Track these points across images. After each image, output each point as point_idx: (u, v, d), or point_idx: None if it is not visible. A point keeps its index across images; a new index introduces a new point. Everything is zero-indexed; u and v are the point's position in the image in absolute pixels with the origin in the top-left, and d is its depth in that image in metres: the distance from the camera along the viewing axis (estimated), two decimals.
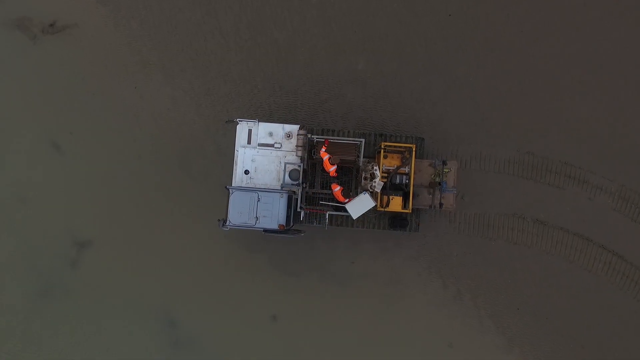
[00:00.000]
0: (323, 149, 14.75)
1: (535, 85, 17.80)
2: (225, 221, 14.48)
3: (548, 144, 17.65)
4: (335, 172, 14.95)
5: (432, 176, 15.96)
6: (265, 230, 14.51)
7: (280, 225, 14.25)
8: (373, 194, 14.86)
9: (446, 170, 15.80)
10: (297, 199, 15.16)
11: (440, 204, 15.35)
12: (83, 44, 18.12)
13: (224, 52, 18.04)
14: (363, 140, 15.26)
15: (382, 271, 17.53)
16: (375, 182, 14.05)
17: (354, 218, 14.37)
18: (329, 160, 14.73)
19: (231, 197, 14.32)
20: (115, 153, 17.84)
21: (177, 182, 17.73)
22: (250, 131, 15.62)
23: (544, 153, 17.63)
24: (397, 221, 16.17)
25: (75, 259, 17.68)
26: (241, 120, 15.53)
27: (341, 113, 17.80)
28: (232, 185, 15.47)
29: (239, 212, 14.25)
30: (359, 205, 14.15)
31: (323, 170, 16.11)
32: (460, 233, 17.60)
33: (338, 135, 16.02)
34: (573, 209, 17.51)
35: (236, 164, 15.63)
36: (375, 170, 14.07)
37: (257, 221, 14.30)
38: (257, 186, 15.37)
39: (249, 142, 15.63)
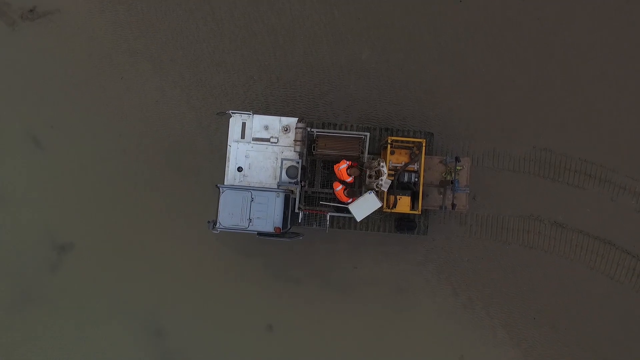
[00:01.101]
0: (344, 164, 13.13)
1: (554, 76, 16.09)
2: (215, 223, 12.76)
3: (567, 140, 15.92)
4: (354, 180, 13.32)
5: (443, 174, 14.26)
6: (260, 234, 12.77)
7: (276, 228, 12.53)
8: (379, 194, 13.16)
9: (458, 167, 14.10)
10: (295, 199, 13.47)
11: (453, 205, 13.64)
12: (65, 31, 16.40)
13: (217, 41, 16.34)
14: (368, 134, 13.58)
15: (387, 277, 15.82)
16: (382, 180, 12.33)
17: (358, 220, 12.66)
18: (346, 170, 12.98)
19: (222, 197, 12.60)
20: (99, 148, 16.12)
21: (165, 180, 16.02)
22: (244, 124, 13.95)
23: (562, 150, 15.91)
24: (404, 223, 14.46)
25: (55, 263, 15.96)
26: (234, 113, 13.83)
27: (343, 106, 16.10)
28: (224, 183, 13.82)
29: (230, 213, 12.52)
30: (364, 206, 12.43)
31: (324, 167, 14.46)
32: (472, 236, 15.90)
33: (340, 129, 14.31)
34: (594, 210, 15.78)
35: (228, 160, 13.93)
36: (382, 167, 12.35)
37: (251, 223, 12.56)
38: (251, 184, 13.67)
39: (242, 136, 13.95)
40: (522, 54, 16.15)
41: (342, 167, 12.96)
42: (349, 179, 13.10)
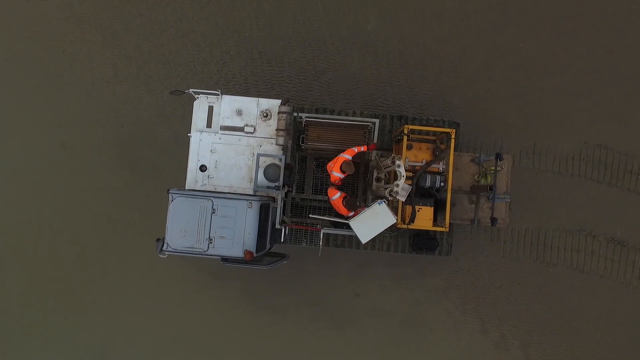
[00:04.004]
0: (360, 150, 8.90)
1: (612, 53, 11.91)
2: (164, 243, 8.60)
3: (628, 135, 11.77)
4: (340, 180, 9.04)
5: (476, 177, 10.10)
6: (225, 260, 8.61)
7: (246, 253, 8.35)
8: (391, 204, 8.98)
9: (497, 168, 9.93)
10: (276, 209, 9.32)
11: (493, 219, 9.44)
12: None
13: (185, 6, 12.18)
14: (377, 121, 9.42)
15: (398, 307, 11.67)
16: (398, 185, 8.13)
17: (364, 242, 8.45)
18: (342, 164, 8.59)
19: (171, 206, 8.43)
20: (32, 141, 11.98)
21: (116, 181, 11.88)
22: (211, 108, 9.81)
23: (622, 147, 11.76)
24: (422, 241, 10.33)
25: None
26: (197, 92, 9.67)
27: (343, 89, 11.93)
28: (186, 187, 9.70)
29: (181, 231, 8.34)
30: (372, 223, 8.22)
31: (317, 166, 10.29)
32: (506, 256, 11.74)
33: (339, 115, 10.15)
34: None
35: (190, 156, 9.81)
36: (399, 166, 8.15)
37: (211, 245, 8.38)
38: (219, 189, 9.53)
39: (209, 125, 9.82)
40: (570, 23, 11.96)
41: (346, 156, 8.63)
42: (338, 175, 8.75)
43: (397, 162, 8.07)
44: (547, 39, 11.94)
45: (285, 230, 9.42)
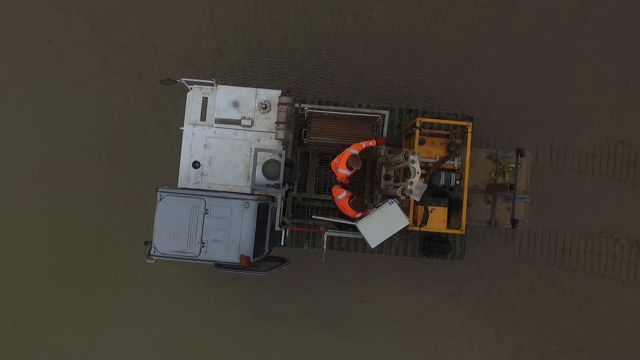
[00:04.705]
0: (368, 144, 7.96)
1: (633, 43, 11.04)
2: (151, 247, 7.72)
3: None
4: (348, 178, 8.10)
5: (493, 175, 9.24)
6: (219, 266, 7.73)
7: (243, 258, 7.47)
8: (400, 204, 8.08)
9: (514, 165, 9.06)
10: (276, 210, 8.45)
11: (514, 221, 8.55)
12: None
13: None
14: (387, 112, 8.56)
15: (406, 315, 10.79)
16: (412, 183, 7.24)
17: (373, 246, 7.57)
18: (348, 159, 7.48)
19: (159, 206, 7.55)
20: (17, 136, 11.12)
21: (104, 180, 11.01)
22: (205, 100, 8.94)
23: None
24: (434, 244, 9.46)
25: None
26: (189, 82, 8.80)
27: (348, 81, 11.05)
28: (178, 185, 8.84)
29: (170, 233, 7.46)
30: (382, 225, 7.34)
31: (321, 162, 9.42)
32: (522, 260, 10.87)
33: (344, 107, 9.27)
34: None
35: (182, 152, 8.95)
36: (413, 162, 7.23)
37: (203, 249, 7.50)
38: (213, 187, 8.66)
39: (203, 117, 8.95)
40: (590, 12, 11.09)
41: (352, 151, 7.68)
42: (345, 172, 7.77)
43: (412, 157, 7.17)
44: (565, 28, 11.06)
45: (285, 233, 8.55)
